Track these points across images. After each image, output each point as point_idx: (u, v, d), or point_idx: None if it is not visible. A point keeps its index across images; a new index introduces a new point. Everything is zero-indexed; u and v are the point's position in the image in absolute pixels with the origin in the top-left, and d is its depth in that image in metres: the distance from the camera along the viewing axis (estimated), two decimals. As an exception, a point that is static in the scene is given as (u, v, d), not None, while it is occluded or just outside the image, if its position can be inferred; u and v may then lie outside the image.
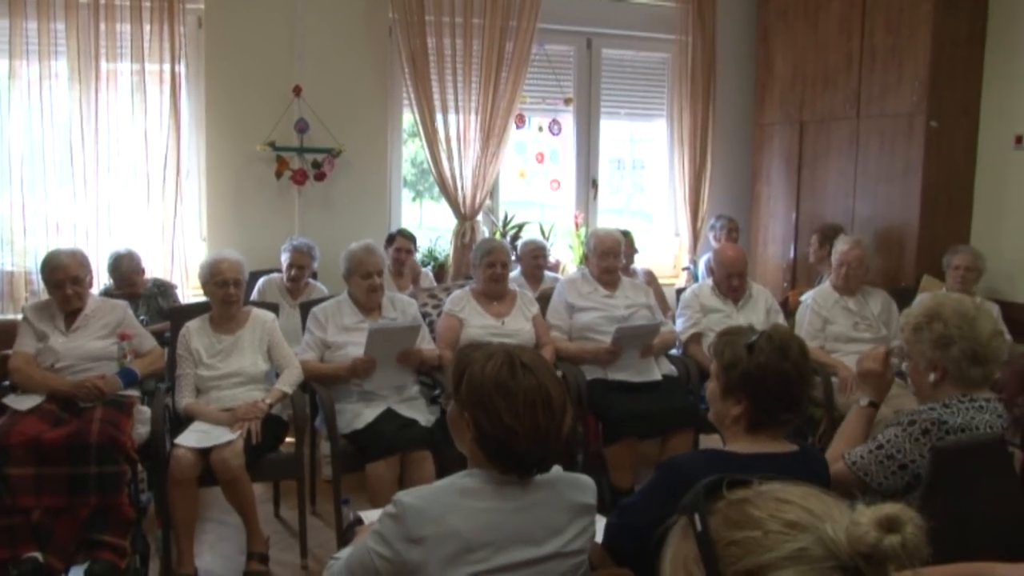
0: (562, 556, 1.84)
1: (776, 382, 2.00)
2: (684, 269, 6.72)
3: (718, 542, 0.89)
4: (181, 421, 3.79)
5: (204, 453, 3.56)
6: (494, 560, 1.76)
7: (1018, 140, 5.39)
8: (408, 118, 6.07)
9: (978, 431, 2.30)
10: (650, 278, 5.74)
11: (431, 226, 6.73)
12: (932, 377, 2.41)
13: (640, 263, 5.92)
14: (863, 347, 4.62)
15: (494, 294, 4.51)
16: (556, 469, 1.91)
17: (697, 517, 0.91)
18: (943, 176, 5.55)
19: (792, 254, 6.44)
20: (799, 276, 6.37)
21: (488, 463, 1.82)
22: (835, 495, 0.93)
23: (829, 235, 5.31)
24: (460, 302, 4.48)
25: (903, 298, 4.77)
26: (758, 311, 4.69)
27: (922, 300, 2.54)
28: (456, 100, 5.91)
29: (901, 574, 0.85)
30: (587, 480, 1.96)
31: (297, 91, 5.62)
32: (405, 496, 1.78)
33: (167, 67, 5.28)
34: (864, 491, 2.27)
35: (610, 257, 4.60)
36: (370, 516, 2.14)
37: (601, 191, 6.73)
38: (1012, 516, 2.16)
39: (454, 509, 1.76)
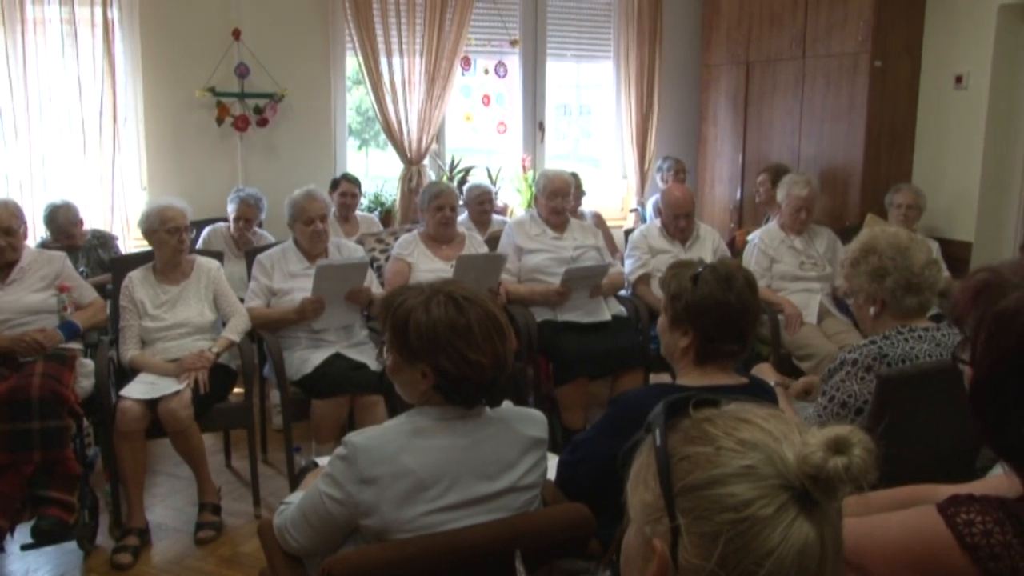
0: (516, 491, 1.84)
1: (719, 313, 2.00)
2: (632, 211, 6.73)
3: (673, 456, 0.89)
4: (126, 374, 3.72)
5: (151, 405, 3.50)
6: (448, 497, 1.76)
7: (958, 80, 5.45)
8: (352, 64, 5.94)
9: (918, 360, 2.35)
10: (598, 220, 5.74)
11: (377, 174, 6.64)
12: (872, 310, 2.46)
13: (588, 205, 5.92)
14: (810, 285, 4.70)
15: (443, 238, 4.48)
16: (506, 404, 1.91)
17: (657, 432, 0.91)
18: (886, 116, 5.61)
19: (739, 194, 6.49)
20: (746, 216, 6.42)
21: (445, 402, 1.81)
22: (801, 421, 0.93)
23: (780, 174, 5.33)
24: (409, 246, 4.44)
25: (848, 236, 4.78)
26: (706, 251, 4.72)
27: (859, 236, 2.58)
28: (400, 43, 5.80)
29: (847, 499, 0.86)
30: (537, 414, 1.96)
31: (236, 35, 5.45)
32: (355, 437, 1.76)
33: (99, 11, 5.08)
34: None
35: (559, 197, 4.58)
36: (325, 461, 2.12)
37: (548, 136, 6.68)
38: (961, 439, 2.20)
39: (406, 448, 1.75)
